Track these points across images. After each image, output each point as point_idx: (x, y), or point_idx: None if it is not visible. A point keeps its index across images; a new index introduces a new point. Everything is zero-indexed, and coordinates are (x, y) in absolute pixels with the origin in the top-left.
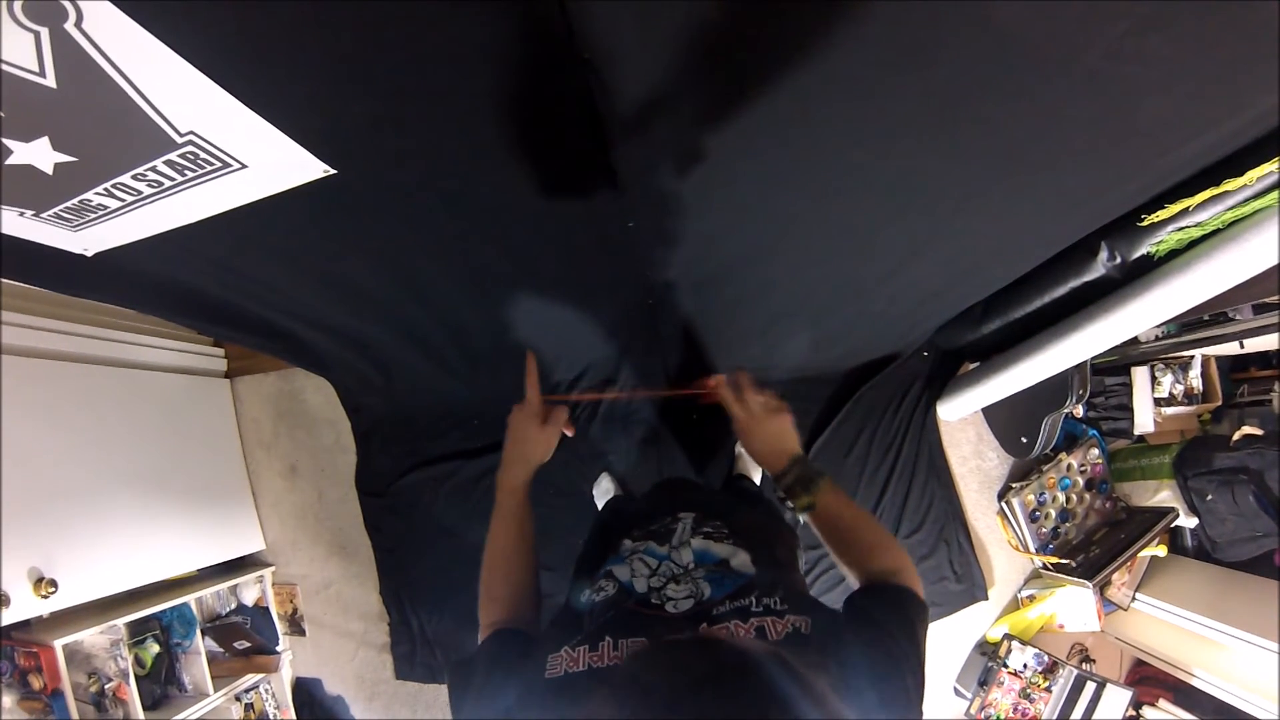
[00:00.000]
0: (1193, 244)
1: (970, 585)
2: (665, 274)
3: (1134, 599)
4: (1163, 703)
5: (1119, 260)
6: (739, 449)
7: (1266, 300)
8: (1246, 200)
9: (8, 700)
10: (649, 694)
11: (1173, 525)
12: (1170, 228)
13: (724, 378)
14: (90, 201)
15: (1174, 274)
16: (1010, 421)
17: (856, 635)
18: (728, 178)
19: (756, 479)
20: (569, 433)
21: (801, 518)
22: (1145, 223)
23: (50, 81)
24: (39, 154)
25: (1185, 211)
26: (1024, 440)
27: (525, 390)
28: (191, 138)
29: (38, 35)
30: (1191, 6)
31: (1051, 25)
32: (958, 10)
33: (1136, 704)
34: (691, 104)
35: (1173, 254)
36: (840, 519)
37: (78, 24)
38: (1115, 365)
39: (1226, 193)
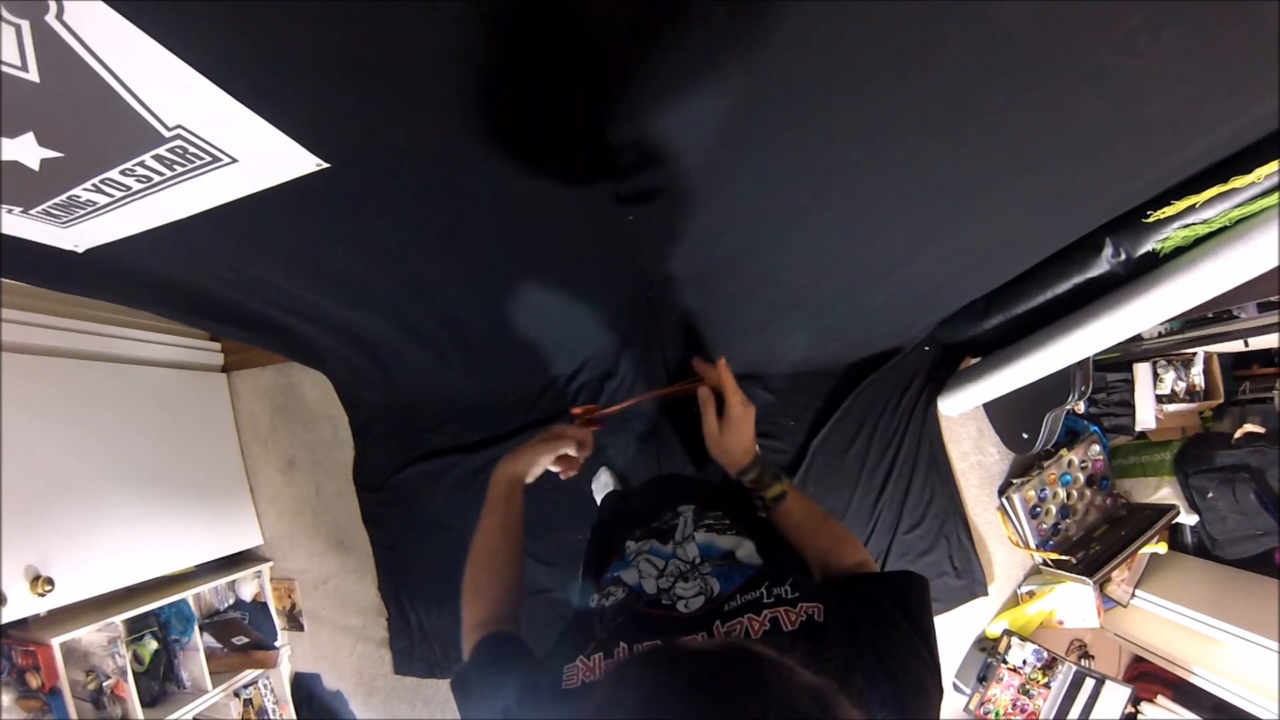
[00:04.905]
0: (1198, 241)
1: (970, 581)
2: (665, 268)
3: (1134, 596)
4: (1161, 699)
5: (1124, 256)
6: None
7: (1270, 298)
8: (1253, 198)
9: (6, 699)
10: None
11: (1173, 522)
12: (1176, 224)
13: (716, 369)
14: (79, 197)
15: (1179, 271)
16: (1012, 417)
17: (870, 620)
18: (728, 172)
19: None
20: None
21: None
22: (1151, 219)
23: (33, 76)
24: (24, 150)
25: (1191, 208)
26: (1025, 436)
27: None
28: (180, 132)
29: (19, 29)
30: (1203, 3)
31: (1060, 19)
32: (964, 4)
33: (1135, 701)
34: (692, 97)
35: (1178, 251)
36: (810, 510)
37: (59, 16)
38: (1117, 361)
39: (1234, 190)
